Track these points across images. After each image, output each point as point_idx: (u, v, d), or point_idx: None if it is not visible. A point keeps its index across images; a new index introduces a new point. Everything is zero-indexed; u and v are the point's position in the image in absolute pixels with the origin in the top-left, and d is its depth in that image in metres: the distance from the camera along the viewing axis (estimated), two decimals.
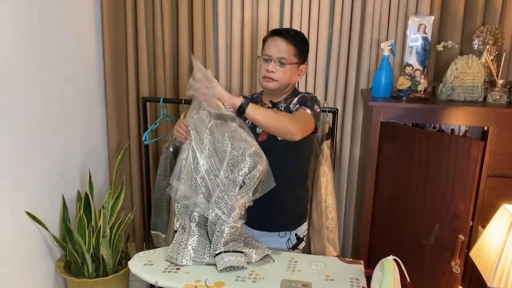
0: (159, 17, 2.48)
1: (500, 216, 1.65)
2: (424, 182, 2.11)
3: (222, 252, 1.61)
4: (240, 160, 1.61)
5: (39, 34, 1.96)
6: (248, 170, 1.60)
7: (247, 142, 1.61)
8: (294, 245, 1.93)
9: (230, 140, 1.61)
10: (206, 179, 1.64)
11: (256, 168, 1.59)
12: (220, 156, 1.64)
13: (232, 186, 1.60)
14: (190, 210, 1.69)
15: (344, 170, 2.59)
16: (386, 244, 2.29)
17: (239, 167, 1.60)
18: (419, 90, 2.14)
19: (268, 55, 1.78)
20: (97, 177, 2.51)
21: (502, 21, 2.28)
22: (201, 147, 1.64)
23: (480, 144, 1.94)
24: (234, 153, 1.61)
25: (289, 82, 1.82)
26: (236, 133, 1.62)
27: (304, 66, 1.86)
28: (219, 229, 1.62)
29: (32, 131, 1.95)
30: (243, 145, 1.60)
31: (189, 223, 1.69)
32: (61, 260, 2.20)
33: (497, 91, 2.08)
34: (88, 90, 2.42)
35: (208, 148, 1.64)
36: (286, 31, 1.81)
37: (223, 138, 1.63)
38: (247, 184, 1.60)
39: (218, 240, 1.62)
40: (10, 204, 1.84)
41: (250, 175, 1.60)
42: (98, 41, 2.47)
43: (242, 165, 1.60)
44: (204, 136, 1.64)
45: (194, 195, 1.66)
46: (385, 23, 2.38)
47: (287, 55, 1.76)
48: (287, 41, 1.76)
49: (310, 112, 1.70)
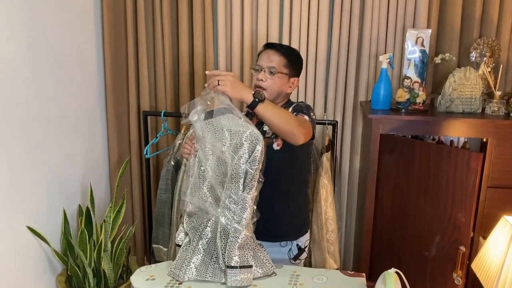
0: (159, 31, 2.50)
1: (501, 228, 1.65)
2: (424, 194, 2.11)
3: (237, 268, 1.58)
4: (238, 147, 1.56)
5: (40, 49, 1.98)
6: (248, 155, 1.55)
7: (243, 127, 1.56)
8: (296, 255, 1.93)
9: (228, 132, 1.58)
10: (213, 185, 1.62)
11: (255, 150, 1.54)
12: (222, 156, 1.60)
13: (235, 181, 1.56)
14: (203, 226, 1.67)
15: (344, 182, 2.60)
16: (388, 255, 2.29)
17: (238, 155, 1.55)
18: (418, 102, 2.16)
19: (259, 65, 1.85)
20: (98, 190, 2.51)
21: (499, 33, 2.30)
22: (205, 155, 1.62)
23: (479, 156, 1.95)
24: (233, 143, 1.57)
25: (279, 92, 1.85)
26: (233, 122, 1.57)
27: (296, 79, 1.89)
28: (234, 234, 1.58)
29: (33, 144, 1.96)
30: (240, 131, 1.55)
31: (197, 241, 1.68)
32: (62, 274, 2.20)
33: (495, 102, 2.10)
34: (89, 103, 2.43)
35: (211, 153, 1.62)
36: (279, 45, 1.89)
37: (222, 134, 1.59)
38: (250, 173, 1.55)
39: (233, 246, 1.58)
40: (10, 218, 1.84)
41: (250, 159, 1.55)
42: (99, 55, 2.49)
43: (241, 152, 1.55)
44: (206, 141, 1.61)
45: (204, 204, 1.64)
46: (383, 36, 2.40)
47: (277, 65, 1.82)
48: (278, 53, 1.83)
49: (308, 118, 1.74)
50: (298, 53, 1.93)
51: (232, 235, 1.59)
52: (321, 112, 2.51)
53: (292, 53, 1.87)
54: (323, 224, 2.22)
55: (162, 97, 2.58)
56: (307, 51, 2.44)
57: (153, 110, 2.61)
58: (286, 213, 1.88)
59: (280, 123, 1.59)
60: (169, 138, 2.61)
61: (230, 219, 1.59)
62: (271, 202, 1.69)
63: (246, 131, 1.55)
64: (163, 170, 2.36)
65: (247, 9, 2.43)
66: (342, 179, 2.59)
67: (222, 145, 1.59)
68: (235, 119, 1.58)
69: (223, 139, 1.59)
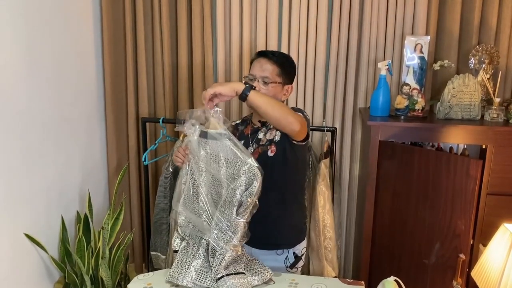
0: (158, 38, 2.51)
1: (501, 236, 1.64)
2: (423, 201, 2.10)
3: (224, 276, 1.59)
4: (236, 178, 1.59)
5: (39, 56, 1.98)
6: (245, 187, 1.58)
7: (241, 159, 1.58)
8: (292, 263, 1.91)
9: (224, 159, 1.60)
10: (207, 203, 1.64)
11: (252, 185, 1.57)
12: (217, 177, 1.64)
13: (229, 207, 1.59)
14: (200, 235, 1.67)
15: (344, 188, 2.59)
16: (387, 263, 2.27)
17: (235, 185, 1.58)
18: (416, 109, 2.15)
19: (252, 75, 1.83)
20: (96, 197, 2.50)
21: (498, 40, 2.30)
22: (198, 170, 1.64)
23: (478, 163, 1.95)
24: (229, 171, 1.60)
25: None
26: (230, 151, 1.60)
27: (290, 86, 1.88)
28: (220, 251, 1.60)
29: (31, 151, 1.95)
30: (238, 163, 1.58)
31: (198, 247, 1.67)
32: (59, 282, 2.18)
33: (494, 109, 2.09)
34: (88, 110, 2.43)
35: (205, 170, 1.64)
36: (271, 52, 1.87)
37: (218, 158, 1.61)
38: (244, 203, 1.59)
39: (219, 263, 1.60)
40: (8, 225, 1.83)
41: (247, 193, 1.58)
42: (98, 62, 2.49)
43: (237, 184, 1.58)
44: (200, 158, 1.64)
45: (197, 220, 1.65)
46: (382, 43, 2.41)
47: (270, 74, 1.80)
48: (271, 62, 1.81)
49: (302, 115, 1.75)
50: (291, 59, 1.92)
51: (219, 253, 1.60)
52: (320, 119, 2.51)
53: (285, 61, 1.86)
54: (321, 231, 2.21)
55: (161, 103, 2.59)
56: (306, 58, 2.44)
57: (152, 116, 2.61)
58: (281, 220, 1.87)
59: (273, 110, 1.58)
60: (167, 145, 2.61)
61: (220, 238, 1.60)
62: (266, 209, 1.68)
63: (244, 165, 1.57)
64: (161, 177, 2.36)
65: (246, 16, 2.43)
66: (341, 186, 2.58)
67: (219, 166, 1.61)
68: (232, 149, 1.59)
69: (219, 163, 1.61)
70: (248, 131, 1.90)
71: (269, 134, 1.83)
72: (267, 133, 1.84)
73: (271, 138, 1.81)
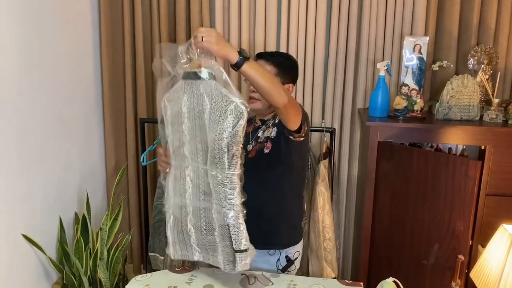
0: (157, 39, 2.50)
1: (499, 237, 1.64)
2: (422, 202, 2.10)
3: (246, 250, 1.53)
4: (222, 119, 1.45)
5: (38, 56, 1.98)
6: (232, 128, 1.45)
7: (227, 98, 1.44)
8: (284, 267, 1.88)
9: (209, 100, 1.47)
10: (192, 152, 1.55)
11: (238, 124, 1.45)
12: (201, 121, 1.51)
13: (219, 156, 1.47)
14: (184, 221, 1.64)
15: (342, 189, 2.59)
16: (386, 264, 2.27)
17: (221, 128, 1.45)
18: (415, 110, 2.15)
19: None
20: (94, 198, 2.49)
21: (496, 40, 2.30)
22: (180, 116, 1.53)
23: (477, 164, 1.94)
24: (215, 113, 1.46)
25: None
26: (215, 91, 1.46)
27: (290, 85, 1.87)
28: (234, 221, 1.51)
29: (29, 152, 1.95)
30: (224, 102, 1.44)
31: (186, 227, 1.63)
32: (57, 283, 2.18)
33: (493, 110, 2.09)
34: (86, 111, 2.43)
35: (187, 116, 1.52)
36: (269, 53, 1.87)
37: (202, 99, 1.48)
38: (231, 149, 1.46)
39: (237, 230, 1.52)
40: (6, 226, 1.83)
41: (232, 132, 1.45)
42: (96, 62, 2.49)
43: (224, 126, 1.45)
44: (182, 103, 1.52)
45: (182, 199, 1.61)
46: (381, 44, 2.41)
47: None
48: (268, 62, 1.81)
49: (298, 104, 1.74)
50: (291, 59, 1.89)
51: (233, 223, 1.51)
52: (319, 119, 2.51)
53: (283, 61, 1.84)
54: (320, 232, 2.21)
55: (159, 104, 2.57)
56: (305, 58, 2.44)
57: (150, 117, 2.60)
58: (275, 218, 1.85)
59: (265, 81, 1.53)
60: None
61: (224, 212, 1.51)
62: (260, 206, 1.66)
63: (230, 103, 1.44)
64: (159, 177, 2.35)
65: (245, 17, 2.43)
66: (340, 187, 2.57)
67: (204, 108, 1.48)
68: (217, 88, 1.46)
69: (204, 104, 1.48)
70: (250, 130, 1.90)
71: (267, 131, 1.83)
72: (265, 130, 1.84)
73: (268, 135, 1.81)
